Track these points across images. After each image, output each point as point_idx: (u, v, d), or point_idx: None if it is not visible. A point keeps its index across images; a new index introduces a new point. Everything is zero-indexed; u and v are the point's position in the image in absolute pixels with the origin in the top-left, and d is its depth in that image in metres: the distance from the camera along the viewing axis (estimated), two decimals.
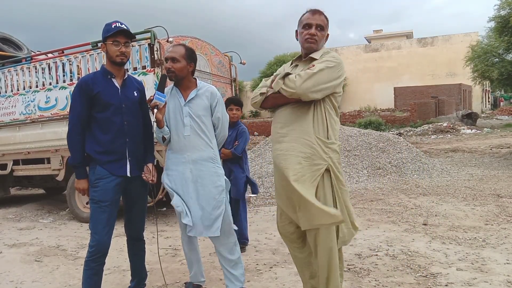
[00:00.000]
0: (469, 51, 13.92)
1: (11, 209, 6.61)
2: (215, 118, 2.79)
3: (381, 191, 6.54)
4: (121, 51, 2.56)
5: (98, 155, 2.56)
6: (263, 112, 33.29)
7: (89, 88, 2.53)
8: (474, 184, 6.76)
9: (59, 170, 5.66)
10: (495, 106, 43.89)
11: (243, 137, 3.87)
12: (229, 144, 3.83)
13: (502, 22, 10.68)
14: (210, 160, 2.74)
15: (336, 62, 2.20)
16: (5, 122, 6.03)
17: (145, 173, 2.68)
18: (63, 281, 3.39)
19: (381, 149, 8.50)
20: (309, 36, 2.25)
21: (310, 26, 2.26)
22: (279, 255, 3.70)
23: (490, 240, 3.84)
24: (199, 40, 5.58)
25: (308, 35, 2.25)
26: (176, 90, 2.77)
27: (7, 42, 7.17)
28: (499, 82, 12.46)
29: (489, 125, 21.94)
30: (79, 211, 5.58)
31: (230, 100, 3.94)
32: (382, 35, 40.24)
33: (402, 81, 32.61)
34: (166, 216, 5.68)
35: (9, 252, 4.28)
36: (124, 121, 2.60)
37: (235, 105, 3.91)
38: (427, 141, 16.18)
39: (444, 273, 3.11)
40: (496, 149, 11.75)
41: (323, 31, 2.30)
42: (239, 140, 3.84)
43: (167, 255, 3.93)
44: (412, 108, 24.08)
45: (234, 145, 3.84)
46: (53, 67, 5.63)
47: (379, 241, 3.95)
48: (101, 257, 2.55)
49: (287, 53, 31.71)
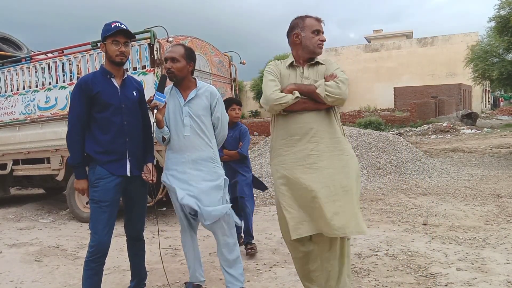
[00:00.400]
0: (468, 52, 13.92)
1: (11, 209, 6.60)
2: (214, 118, 2.79)
3: (381, 191, 6.54)
4: (121, 50, 2.55)
5: (98, 155, 2.56)
6: (263, 112, 33.34)
7: (88, 88, 2.53)
8: (474, 184, 6.76)
9: (59, 170, 5.66)
10: (495, 106, 43.89)
11: (247, 137, 3.85)
12: (231, 145, 3.78)
13: (502, 22, 10.67)
14: (210, 160, 2.75)
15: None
16: (5, 122, 6.03)
17: (144, 173, 2.68)
18: (63, 281, 3.39)
19: (381, 149, 8.51)
20: (321, 42, 2.39)
21: (319, 32, 2.39)
22: (279, 255, 3.70)
23: (490, 240, 3.84)
24: (199, 40, 5.58)
25: (320, 41, 2.39)
26: (176, 90, 2.77)
27: (7, 42, 7.16)
28: (499, 82, 12.46)
29: (489, 125, 21.94)
30: (79, 211, 5.58)
31: (232, 100, 3.90)
32: (382, 35, 40.26)
33: (402, 81, 32.61)
34: (166, 216, 5.68)
35: (9, 252, 4.28)
36: (123, 121, 2.60)
37: (237, 104, 3.87)
38: (427, 141, 16.18)
39: (444, 273, 3.11)
40: (496, 149, 11.75)
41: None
42: (243, 141, 3.80)
43: (167, 255, 3.92)
44: (412, 108, 24.09)
45: (239, 145, 3.78)
46: (53, 67, 5.63)
47: (379, 241, 3.95)
48: (101, 257, 2.55)
49: (287, 53, 31.67)
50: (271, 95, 2.30)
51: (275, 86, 2.34)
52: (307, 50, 2.40)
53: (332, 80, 2.29)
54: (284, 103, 2.29)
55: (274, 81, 2.37)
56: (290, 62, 2.44)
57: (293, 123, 2.35)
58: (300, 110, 2.32)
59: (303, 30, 2.38)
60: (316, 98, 2.29)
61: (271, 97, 2.30)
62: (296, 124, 2.34)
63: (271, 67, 2.44)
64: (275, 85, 2.35)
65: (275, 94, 2.30)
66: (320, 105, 2.32)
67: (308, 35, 2.37)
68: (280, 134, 2.42)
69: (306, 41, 2.38)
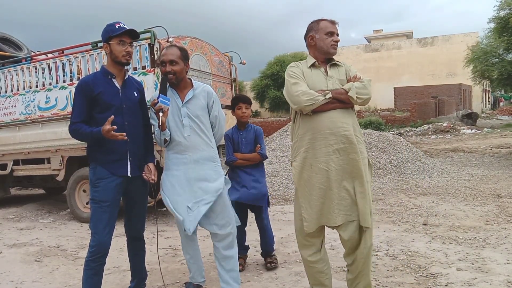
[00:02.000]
0: (468, 52, 13.93)
1: (11, 209, 6.61)
2: (212, 117, 2.81)
3: (381, 191, 6.54)
4: (127, 51, 2.56)
5: (99, 155, 2.56)
6: (263, 112, 33.36)
7: (89, 89, 2.53)
8: (474, 184, 6.76)
9: (59, 170, 5.66)
10: (495, 106, 43.89)
11: (263, 138, 3.55)
12: (246, 148, 3.43)
13: (502, 23, 10.67)
14: (211, 160, 2.77)
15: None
16: (5, 122, 6.03)
17: (145, 173, 2.68)
18: (63, 281, 3.39)
19: (381, 149, 8.51)
20: (335, 43, 2.51)
21: (333, 34, 2.51)
22: (279, 255, 3.70)
23: (490, 240, 3.84)
24: (199, 40, 5.58)
25: (334, 42, 2.51)
26: (173, 91, 2.76)
27: (7, 42, 7.17)
28: (499, 82, 12.48)
29: (489, 125, 21.95)
30: (79, 211, 5.58)
31: (238, 99, 3.49)
32: (382, 35, 40.28)
33: (402, 81, 32.62)
34: (166, 216, 5.68)
35: (9, 252, 4.28)
36: (124, 121, 2.60)
37: (243, 103, 3.43)
38: (427, 141, 16.18)
39: (444, 273, 3.11)
40: (496, 149, 11.75)
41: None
42: (260, 142, 3.46)
43: (167, 255, 3.93)
44: (412, 108, 24.10)
45: (257, 147, 3.44)
46: (53, 67, 5.63)
47: (379, 241, 3.94)
48: (102, 257, 2.55)
49: (287, 53, 31.70)
50: (301, 97, 2.40)
51: (301, 86, 2.43)
52: (322, 51, 2.52)
53: (359, 82, 2.45)
54: (312, 104, 2.39)
55: (301, 82, 2.46)
56: (312, 63, 2.54)
57: (320, 121, 2.44)
58: (328, 110, 2.43)
59: (317, 33, 2.52)
60: (346, 100, 2.43)
61: (302, 98, 2.39)
62: (325, 121, 2.43)
63: (293, 69, 2.53)
64: (301, 86, 2.44)
65: (304, 95, 2.40)
66: (346, 104, 2.46)
67: (322, 36, 2.51)
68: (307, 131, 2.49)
69: (320, 42, 2.51)
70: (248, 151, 3.43)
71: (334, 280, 3.00)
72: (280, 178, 7.50)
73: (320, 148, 2.43)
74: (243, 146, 3.43)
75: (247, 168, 3.40)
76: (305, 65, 2.56)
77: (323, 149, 2.43)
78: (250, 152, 3.43)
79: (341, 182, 2.41)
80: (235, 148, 3.44)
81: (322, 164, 2.42)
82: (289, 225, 4.60)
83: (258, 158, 3.43)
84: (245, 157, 3.40)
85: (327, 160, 2.42)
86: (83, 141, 2.66)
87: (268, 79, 30.48)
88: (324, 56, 2.54)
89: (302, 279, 3.10)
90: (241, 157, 3.40)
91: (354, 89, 2.41)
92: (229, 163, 3.41)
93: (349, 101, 2.43)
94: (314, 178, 2.44)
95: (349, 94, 2.40)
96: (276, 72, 29.53)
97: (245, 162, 3.40)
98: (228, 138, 3.45)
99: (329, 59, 2.56)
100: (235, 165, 3.39)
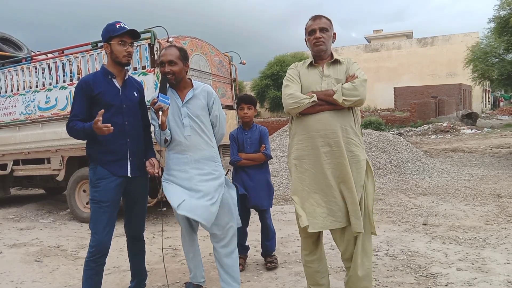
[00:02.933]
0: (468, 52, 13.93)
1: (11, 209, 6.61)
2: (213, 116, 2.80)
3: (381, 191, 6.54)
4: (128, 51, 2.56)
5: (99, 155, 2.56)
6: (263, 112, 33.34)
7: (89, 89, 2.53)
8: (474, 184, 6.76)
9: (59, 170, 5.67)
10: (495, 106, 43.89)
11: (268, 138, 3.55)
12: (251, 148, 3.42)
13: (502, 23, 10.68)
14: (212, 159, 2.76)
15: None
16: (5, 122, 6.03)
17: (148, 167, 2.68)
18: (63, 281, 3.39)
19: (381, 149, 8.51)
20: (315, 40, 2.48)
21: (314, 31, 2.48)
22: (279, 255, 3.70)
23: (490, 240, 3.84)
24: (199, 40, 5.58)
25: (314, 39, 2.48)
26: (172, 91, 2.76)
27: (7, 42, 7.17)
28: (499, 82, 12.49)
29: (489, 125, 21.95)
30: (79, 211, 5.58)
31: (240, 99, 3.49)
32: (382, 35, 40.29)
33: (402, 81, 32.61)
34: (166, 216, 5.68)
35: (9, 252, 4.28)
36: (125, 121, 2.60)
37: (245, 103, 3.43)
38: (427, 141, 16.18)
39: (444, 273, 3.11)
40: (496, 149, 11.75)
41: (328, 32, 2.50)
42: (265, 142, 3.46)
43: (167, 255, 3.93)
44: (412, 108, 24.10)
45: (262, 147, 3.42)
46: (53, 67, 5.63)
47: (379, 241, 3.94)
48: (102, 257, 2.55)
49: (287, 53, 31.69)
50: (287, 100, 2.43)
51: (291, 89, 2.45)
52: (312, 51, 2.54)
53: (350, 83, 2.38)
54: (298, 107, 2.40)
55: (291, 84, 2.48)
56: (310, 62, 2.55)
57: (315, 120, 2.43)
58: (316, 112, 2.42)
59: (305, 34, 2.56)
60: (334, 102, 2.38)
61: (287, 102, 2.43)
62: (314, 123, 2.42)
63: (290, 71, 2.57)
64: (291, 88, 2.46)
65: (291, 98, 2.42)
66: (336, 106, 2.40)
67: (307, 38, 2.53)
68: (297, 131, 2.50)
69: (308, 43, 2.54)
70: (252, 151, 3.42)
71: (334, 280, 3.00)
72: (280, 178, 7.50)
73: (308, 150, 2.43)
74: (247, 146, 3.42)
75: (250, 170, 3.41)
76: (303, 65, 2.56)
77: (311, 152, 2.42)
78: (255, 152, 3.42)
79: (329, 186, 2.38)
80: (239, 148, 3.43)
81: (309, 165, 2.42)
82: (289, 225, 4.60)
83: (262, 158, 3.42)
84: (250, 157, 3.39)
85: (315, 162, 2.41)
86: (78, 138, 2.62)
87: (268, 79, 30.46)
88: (315, 54, 2.53)
89: (302, 279, 3.10)
90: (246, 157, 3.39)
91: (340, 91, 2.36)
92: (234, 163, 3.41)
93: (339, 104, 2.38)
94: (301, 179, 2.45)
95: (334, 97, 2.36)
96: (276, 72, 29.51)
97: (250, 162, 3.39)
98: (233, 138, 3.46)
99: (330, 57, 2.53)
100: (239, 165, 3.39)
